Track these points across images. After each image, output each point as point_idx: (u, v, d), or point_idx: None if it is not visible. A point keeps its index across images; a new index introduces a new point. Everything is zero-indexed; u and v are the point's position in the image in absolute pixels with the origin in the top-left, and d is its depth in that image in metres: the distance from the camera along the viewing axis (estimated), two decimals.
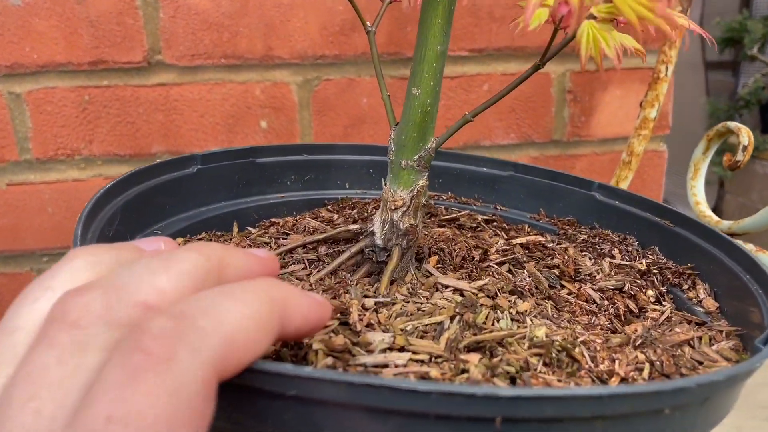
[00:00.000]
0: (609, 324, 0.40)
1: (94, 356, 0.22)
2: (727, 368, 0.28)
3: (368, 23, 0.44)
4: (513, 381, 0.31)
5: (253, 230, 0.49)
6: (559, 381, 0.31)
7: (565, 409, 0.24)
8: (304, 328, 0.27)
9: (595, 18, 0.34)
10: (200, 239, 0.45)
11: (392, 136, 0.41)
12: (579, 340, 0.34)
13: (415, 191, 0.40)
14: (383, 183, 0.41)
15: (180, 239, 0.44)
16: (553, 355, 0.32)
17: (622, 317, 0.41)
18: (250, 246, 0.44)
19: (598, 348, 0.34)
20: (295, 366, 0.24)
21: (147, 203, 0.43)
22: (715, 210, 2.35)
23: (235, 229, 0.49)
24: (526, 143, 0.95)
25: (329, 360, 0.30)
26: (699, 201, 0.72)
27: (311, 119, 0.89)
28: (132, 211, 0.41)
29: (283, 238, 0.46)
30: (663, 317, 0.40)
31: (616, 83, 0.95)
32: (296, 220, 0.49)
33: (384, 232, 0.40)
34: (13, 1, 0.80)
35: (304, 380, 0.24)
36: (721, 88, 2.55)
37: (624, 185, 0.85)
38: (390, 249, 0.40)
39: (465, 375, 0.30)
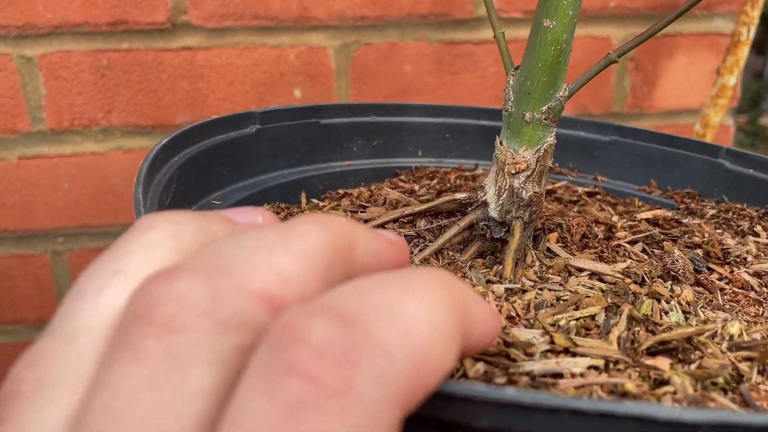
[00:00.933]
0: None
1: (202, 375, 0.15)
2: None
3: None
4: (724, 393, 0.23)
5: (320, 203, 0.41)
6: None
7: None
8: (479, 345, 0.19)
9: None
10: (271, 208, 0.37)
11: (511, 82, 0.33)
12: None
13: (542, 151, 0.32)
14: (497, 141, 0.33)
15: None
16: None
17: None
18: None
19: None
20: (491, 387, 0.16)
21: (201, 168, 0.35)
22: None
23: (303, 201, 0.41)
24: (582, 115, 0.87)
25: (480, 366, 0.22)
26: None
27: (349, 88, 0.81)
28: (187, 176, 0.33)
29: (360, 212, 0.38)
30: None
31: (682, 50, 0.87)
32: (372, 191, 0.41)
33: (501, 202, 0.33)
34: None
35: (505, 407, 0.16)
36: (746, 68, 2.47)
37: None
38: (509, 223, 0.33)
39: (669, 389, 0.22)
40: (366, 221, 0.35)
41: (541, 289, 0.30)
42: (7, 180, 0.76)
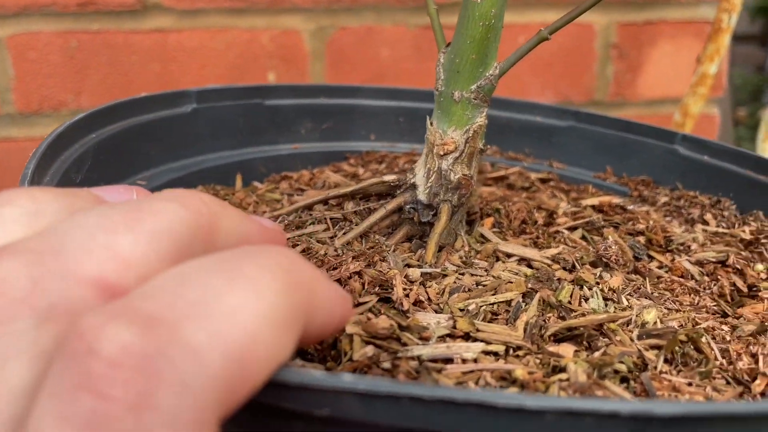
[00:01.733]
0: (715, 306, 0.31)
1: (20, 371, 0.14)
2: None
3: None
4: (624, 383, 0.22)
5: (260, 185, 0.40)
6: (691, 385, 0.22)
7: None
8: (326, 328, 0.18)
9: None
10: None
11: (441, 60, 0.32)
12: (701, 326, 0.25)
13: (471, 131, 0.31)
14: (428, 122, 0.32)
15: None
16: (677, 348, 0.23)
17: (728, 297, 0.32)
18: (257, 204, 0.35)
19: (728, 338, 0.25)
20: (328, 374, 0.15)
21: (127, 146, 0.34)
22: None
23: (239, 183, 0.40)
24: (563, 103, 0.86)
25: (369, 350, 0.21)
26: None
27: (323, 73, 0.80)
28: (107, 154, 0.32)
29: (297, 195, 0.37)
30: None
31: (666, 37, 0.85)
32: (314, 174, 0.40)
33: (429, 185, 0.31)
34: None
35: (343, 395, 0.15)
36: (747, 61, 2.43)
37: None
38: (437, 206, 0.31)
39: (562, 376, 0.21)
40: (302, 202, 0.34)
41: (462, 274, 0.29)
42: None
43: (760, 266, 0.34)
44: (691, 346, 0.24)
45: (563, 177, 0.45)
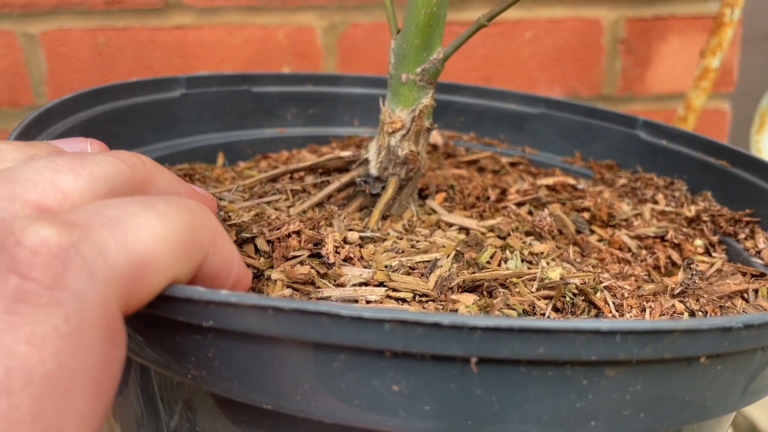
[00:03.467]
0: (645, 275, 0.33)
1: None
2: None
3: None
4: None
5: (243, 163, 0.44)
6: None
7: (565, 348, 0.18)
8: (220, 276, 0.21)
9: None
10: (182, 168, 0.39)
11: (392, 45, 0.35)
12: (603, 285, 0.28)
13: (417, 111, 0.34)
14: (380, 103, 0.35)
15: None
16: (567, 298, 0.26)
17: (663, 269, 0.34)
18: (234, 179, 0.39)
19: (626, 295, 0.28)
20: (208, 290, 0.18)
21: (117, 125, 0.38)
22: None
23: (220, 160, 0.43)
24: (572, 97, 0.88)
25: (287, 291, 0.25)
26: (766, 156, 0.64)
27: (336, 68, 0.83)
28: (97, 131, 0.36)
29: (271, 170, 0.41)
30: (713, 270, 0.33)
31: (675, 32, 0.86)
32: (292, 155, 0.44)
33: (380, 160, 0.35)
34: None
35: (221, 306, 0.18)
36: None
37: None
38: (386, 180, 0.34)
39: None
40: (266, 174, 0.38)
41: (401, 239, 0.32)
42: None
43: (698, 241, 0.36)
44: (581, 298, 0.26)
45: (534, 161, 0.47)
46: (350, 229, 0.32)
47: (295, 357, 0.19)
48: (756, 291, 0.30)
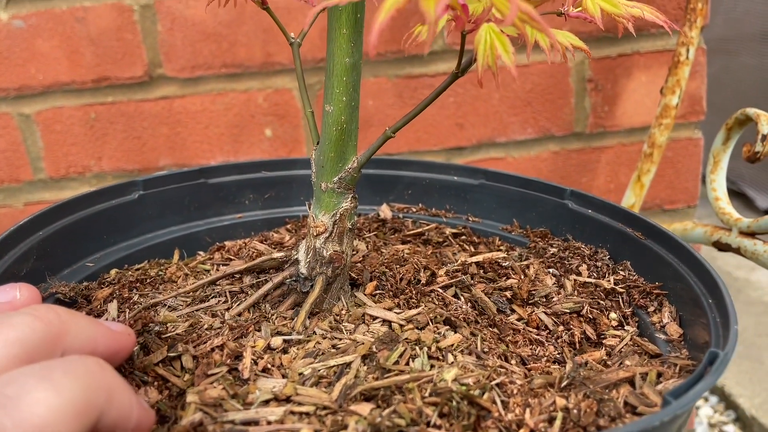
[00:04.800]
0: (558, 354, 0.36)
1: None
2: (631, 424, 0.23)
3: (292, 35, 0.42)
4: None
5: (202, 254, 0.47)
6: None
7: None
8: (120, 424, 0.25)
9: (496, 20, 0.30)
10: (137, 269, 0.43)
11: (312, 156, 0.38)
12: (494, 383, 0.31)
13: (338, 215, 0.37)
14: (307, 207, 0.38)
15: (113, 271, 0.43)
16: (454, 404, 0.29)
17: (577, 344, 0.37)
18: (186, 276, 0.42)
19: (515, 391, 0.30)
20: None
21: (77, 235, 0.42)
22: None
23: (176, 257, 0.47)
24: (545, 137, 0.90)
25: (197, 416, 0.28)
26: (719, 196, 0.66)
27: (316, 125, 0.87)
28: (57, 245, 0.39)
29: (224, 265, 0.44)
30: (621, 345, 0.36)
31: (640, 68, 0.88)
32: (244, 243, 0.47)
33: (308, 260, 0.38)
34: (17, 24, 0.81)
35: None
36: None
37: (647, 179, 0.78)
38: (314, 278, 0.38)
39: None
40: (204, 279, 0.41)
41: (324, 337, 0.35)
42: None
43: (613, 315, 0.39)
44: (466, 403, 0.29)
45: (476, 230, 0.50)
46: (277, 333, 0.35)
47: None
48: (645, 375, 0.32)
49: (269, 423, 0.28)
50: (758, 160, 0.61)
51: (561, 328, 0.38)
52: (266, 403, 0.29)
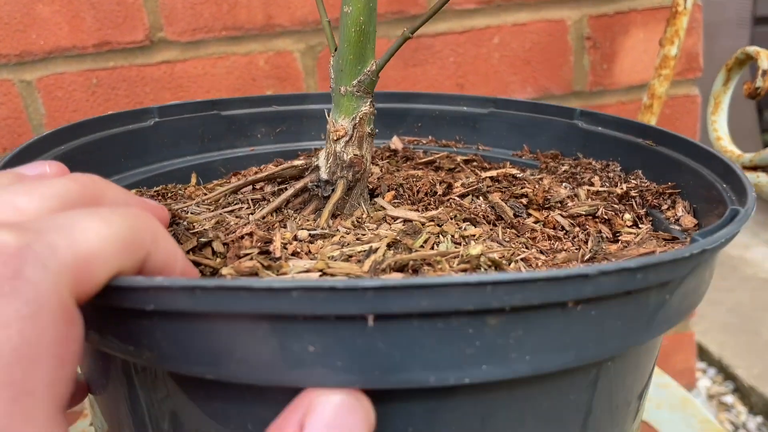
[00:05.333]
0: (576, 249, 0.37)
1: None
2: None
3: None
4: None
5: (215, 181, 0.48)
6: None
7: (442, 300, 0.21)
8: (166, 269, 0.25)
9: None
10: (157, 191, 0.44)
11: (331, 62, 0.38)
12: (520, 257, 0.31)
13: (358, 119, 0.38)
14: (326, 114, 0.39)
15: (134, 191, 0.43)
16: (482, 270, 0.29)
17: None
18: (204, 194, 0.43)
19: (540, 264, 0.31)
20: (146, 278, 0.22)
21: (95, 154, 0.42)
22: None
23: (193, 180, 0.47)
24: (545, 96, 0.91)
25: None
26: (721, 136, 0.67)
27: (317, 87, 0.87)
28: (76, 161, 0.40)
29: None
30: (637, 239, 0.37)
31: (638, 25, 0.90)
32: (260, 169, 0.47)
33: (328, 165, 0.38)
34: None
35: (159, 291, 0.22)
36: None
37: None
38: (335, 182, 0.38)
39: None
40: (228, 186, 0.42)
41: (348, 233, 0.35)
42: None
43: (627, 216, 0.40)
44: (494, 268, 0.30)
45: (487, 157, 0.51)
46: (302, 228, 0.36)
47: (224, 329, 0.23)
48: (664, 252, 0.33)
49: None
50: (759, 96, 0.62)
51: (577, 228, 0.38)
52: (298, 274, 0.30)
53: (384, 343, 0.22)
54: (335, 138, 0.38)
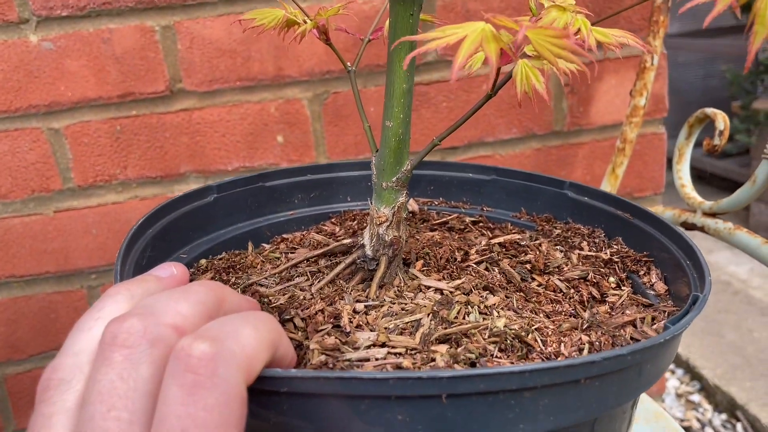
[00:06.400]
0: (572, 310, 0.46)
1: (146, 369, 0.30)
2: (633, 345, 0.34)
3: (348, 63, 0.51)
4: (473, 365, 0.37)
5: (266, 246, 0.56)
6: (511, 363, 0.37)
7: (494, 383, 0.30)
8: (282, 360, 0.34)
9: (528, 57, 0.40)
10: (220, 259, 0.52)
11: (373, 161, 0.47)
12: (534, 327, 0.41)
13: (396, 207, 0.47)
14: (369, 202, 0.48)
15: (203, 260, 0.52)
16: (508, 341, 0.39)
17: (586, 303, 0.47)
18: (263, 263, 0.52)
19: (550, 333, 0.40)
20: (283, 370, 0.31)
21: (173, 232, 0.50)
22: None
23: (250, 248, 0.56)
24: (528, 136, 1.01)
25: (322, 357, 0.37)
26: (684, 184, 0.77)
27: (323, 131, 0.96)
28: (161, 240, 0.48)
29: (291, 252, 0.54)
30: (620, 301, 0.46)
31: (611, 73, 1.00)
32: (303, 235, 0.56)
33: (372, 244, 0.47)
34: (46, 46, 0.88)
35: (292, 380, 0.31)
36: (732, 53, 2.53)
37: (620, 171, 0.90)
38: (378, 258, 0.47)
39: (432, 363, 0.37)
40: (290, 262, 0.50)
41: (393, 303, 0.44)
42: (45, 231, 0.93)
43: (612, 279, 0.49)
44: (517, 341, 0.39)
45: (490, 218, 0.60)
46: (357, 301, 0.45)
47: (338, 404, 0.31)
48: (643, 319, 0.43)
49: (377, 359, 0.37)
50: (716, 151, 0.72)
51: (572, 290, 0.48)
52: (368, 347, 0.39)
53: (452, 413, 0.31)
54: (378, 222, 0.47)
